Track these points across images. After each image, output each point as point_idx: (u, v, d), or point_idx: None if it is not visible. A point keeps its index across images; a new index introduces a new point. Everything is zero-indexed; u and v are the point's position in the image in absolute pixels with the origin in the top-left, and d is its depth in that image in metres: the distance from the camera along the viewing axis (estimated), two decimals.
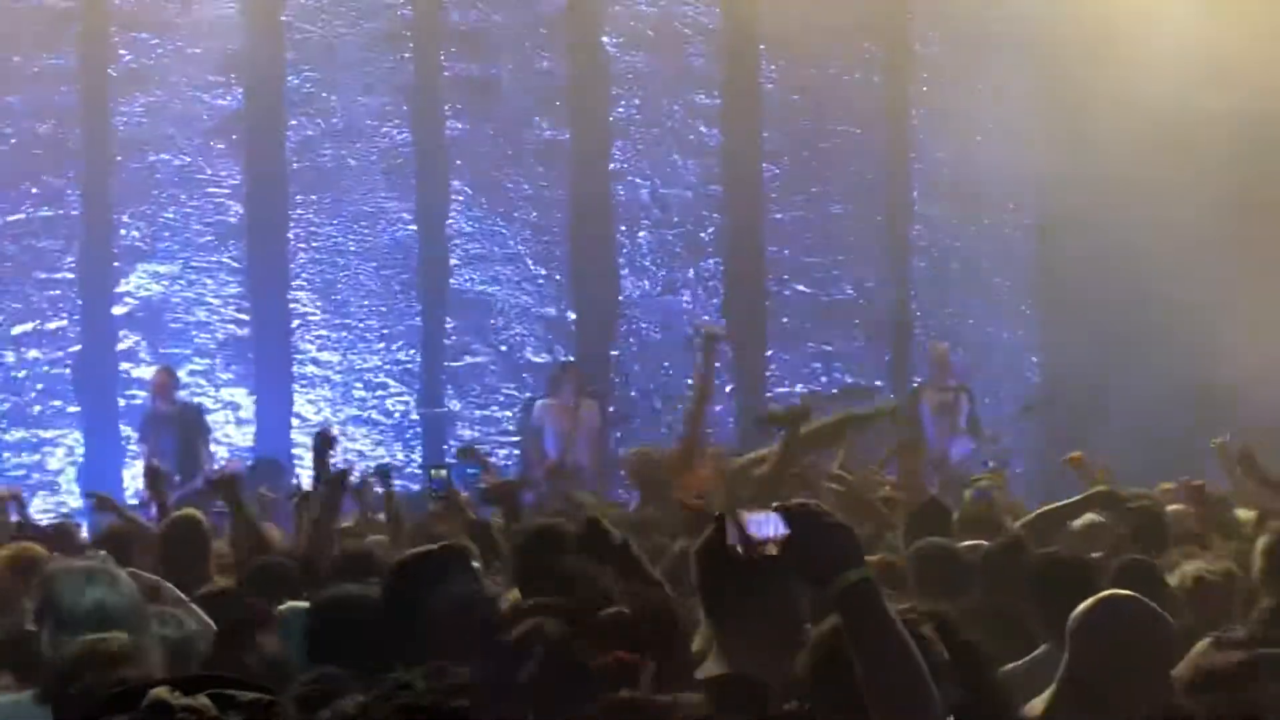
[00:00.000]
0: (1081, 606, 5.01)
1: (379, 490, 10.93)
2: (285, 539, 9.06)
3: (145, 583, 5.71)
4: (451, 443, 16.94)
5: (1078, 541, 8.15)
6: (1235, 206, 16.22)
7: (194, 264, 17.04)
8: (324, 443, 8.96)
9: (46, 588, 4.99)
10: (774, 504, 3.53)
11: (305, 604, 5.65)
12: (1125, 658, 4.82)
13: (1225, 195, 16.09)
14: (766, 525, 3.47)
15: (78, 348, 16.85)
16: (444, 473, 9.50)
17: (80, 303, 16.90)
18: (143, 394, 16.22)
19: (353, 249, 17.30)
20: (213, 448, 15.92)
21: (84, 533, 11.66)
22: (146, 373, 16.34)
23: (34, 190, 16.81)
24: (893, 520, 8.95)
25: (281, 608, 5.80)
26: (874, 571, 3.54)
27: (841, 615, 3.50)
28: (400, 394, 17.25)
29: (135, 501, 13.45)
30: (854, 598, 3.46)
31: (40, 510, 14.86)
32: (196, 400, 16.43)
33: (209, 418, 16.36)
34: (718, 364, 14.36)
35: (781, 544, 3.46)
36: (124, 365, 16.84)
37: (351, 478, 9.54)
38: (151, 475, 11.99)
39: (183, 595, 6.00)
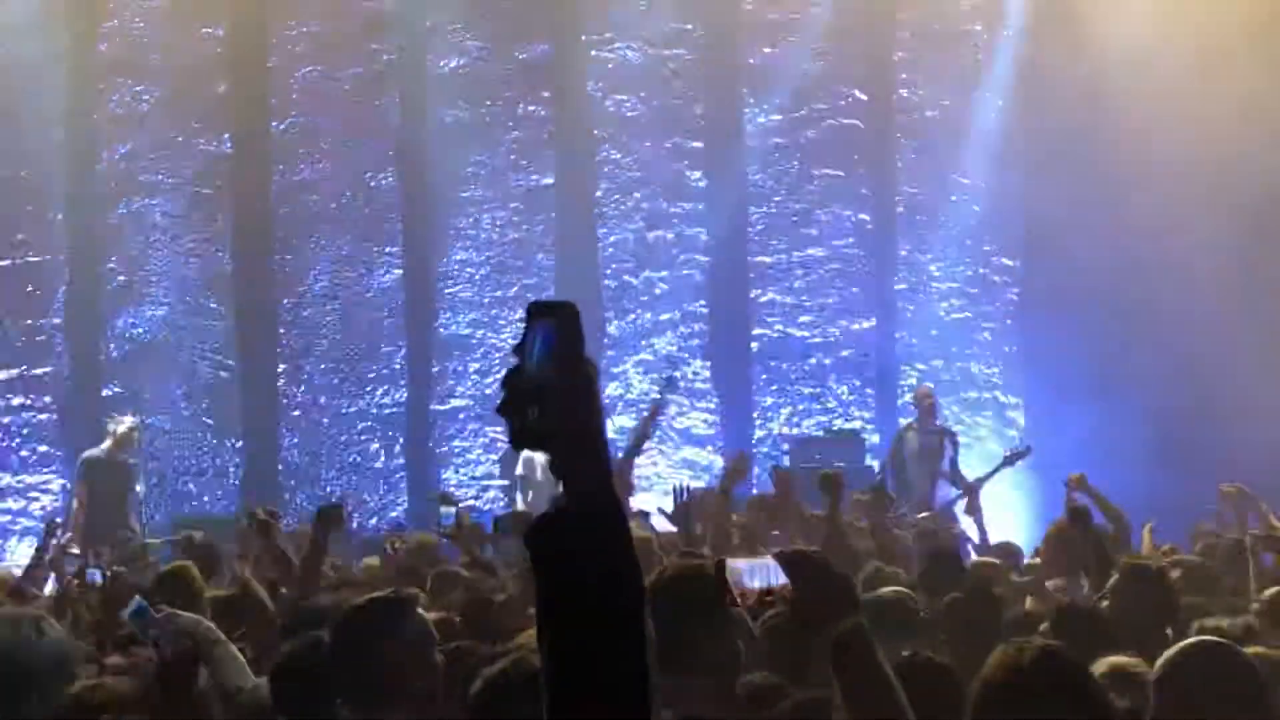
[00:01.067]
0: (1170, 653, 4.89)
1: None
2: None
3: (184, 624, 5.74)
4: (435, 487, 16.95)
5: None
6: (1228, 251, 16.32)
7: (181, 308, 17.06)
8: (331, 520, 8.84)
9: None
10: (775, 551, 3.58)
11: None
12: (1218, 707, 4.61)
13: (1213, 238, 16.19)
14: (764, 574, 3.55)
15: (64, 393, 16.85)
16: (453, 508, 9.49)
17: (67, 348, 16.91)
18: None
19: (339, 293, 17.35)
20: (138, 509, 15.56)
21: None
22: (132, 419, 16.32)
23: (20, 236, 16.84)
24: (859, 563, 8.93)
25: None
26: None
27: (834, 659, 3.56)
28: (386, 437, 17.27)
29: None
30: (848, 643, 3.53)
31: (27, 556, 14.82)
32: (183, 443, 16.42)
33: (198, 460, 16.35)
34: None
35: (780, 591, 3.52)
36: (110, 410, 16.84)
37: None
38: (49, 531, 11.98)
39: (221, 637, 5.99)
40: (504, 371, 2.17)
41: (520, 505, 15.21)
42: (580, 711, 2.19)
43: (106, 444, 14.98)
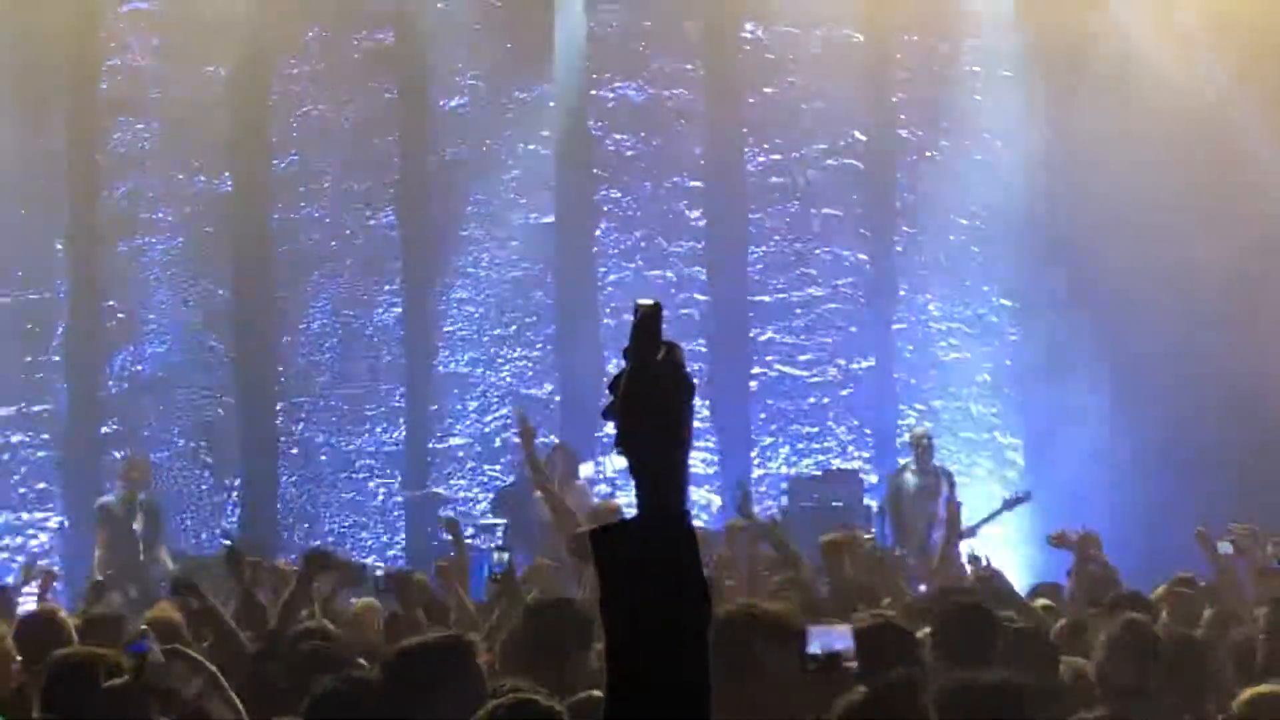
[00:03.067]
0: (1242, 698, 4.93)
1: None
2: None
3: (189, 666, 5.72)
4: (433, 526, 16.93)
5: None
6: (1232, 293, 16.38)
7: (180, 347, 17.06)
8: (314, 564, 8.83)
9: None
10: (851, 620, 3.69)
11: None
12: None
13: (1214, 282, 16.24)
14: (841, 639, 3.62)
15: (63, 431, 16.83)
16: (505, 555, 9.43)
17: (66, 386, 16.91)
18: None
19: (338, 331, 17.35)
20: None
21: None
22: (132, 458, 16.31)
23: (20, 273, 16.85)
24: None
25: None
26: None
27: (879, 705, 3.69)
28: (385, 476, 17.26)
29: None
30: (897, 693, 3.67)
31: (27, 594, 14.77)
32: (181, 482, 16.42)
33: (196, 500, 16.36)
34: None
35: (852, 657, 3.63)
36: (109, 449, 16.83)
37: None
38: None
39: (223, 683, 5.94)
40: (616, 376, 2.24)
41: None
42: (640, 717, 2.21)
43: (118, 487, 15.18)
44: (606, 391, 2.30)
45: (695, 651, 2.24)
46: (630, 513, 2.30)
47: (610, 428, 2.27)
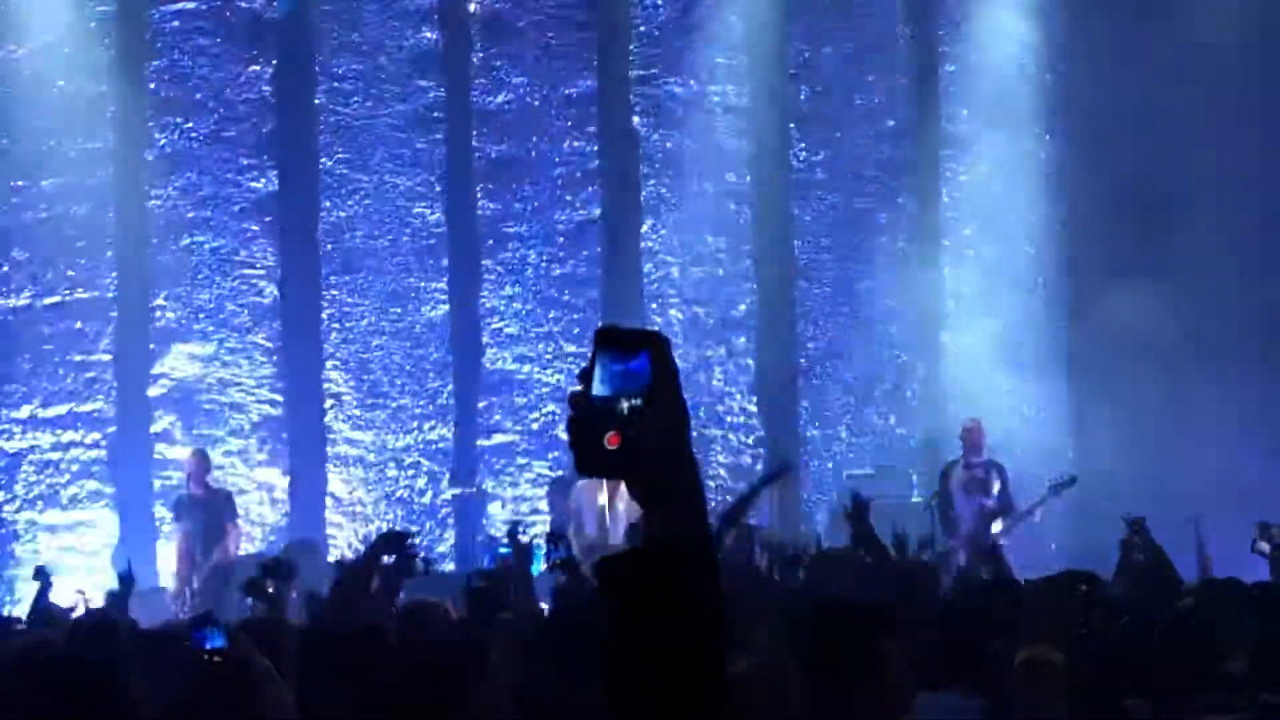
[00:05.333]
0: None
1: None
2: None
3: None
4: (483, 521, 16.97)
5: None
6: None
7: (229, 345, 17.13)
8: (386, 546, 8.85)
9: None
10: None
11: None
12: None
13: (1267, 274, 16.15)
14: None
15: (113, 429, 16.92)
16: (562, 541, 9.48)
17: (116, 384, 16.99)
18: (178, 474, 16.26)
19: (386, 329, 17.39)
20: (243, 529, 15.91)
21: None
22: (181, 453, 16.40)
23: (70, 273, 16.93)
24: None
25: None
26: None
27: None
28: (433, 473, 17.29)
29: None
30: None
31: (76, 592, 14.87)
32: (231, 481, 16.50)
33: (244, 498, 16.43)
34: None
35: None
36: (159, 447, 16.92)
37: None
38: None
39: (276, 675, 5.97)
40: (572, 393, 2.11)
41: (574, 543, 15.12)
42: None
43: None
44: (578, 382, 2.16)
45: (709, 690, 2.11)
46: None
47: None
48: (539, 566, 10.23)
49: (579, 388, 2.11)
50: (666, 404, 2.15)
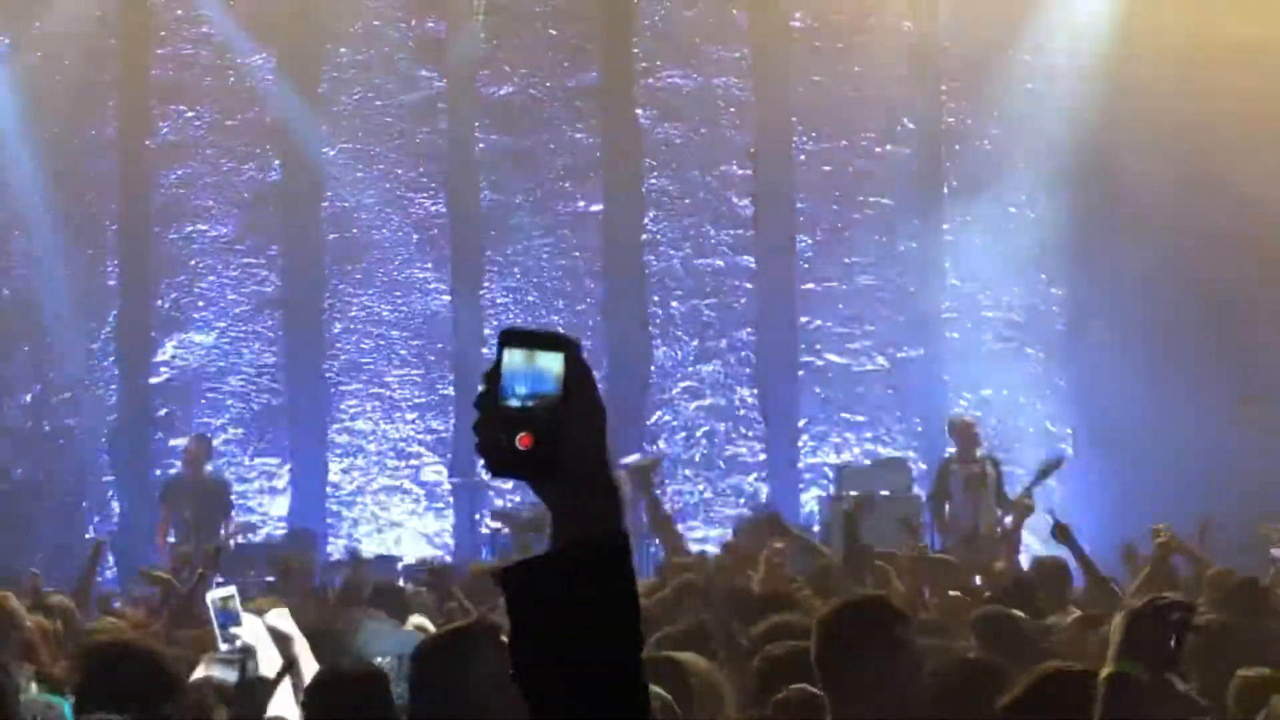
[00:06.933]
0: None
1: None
2: None
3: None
4: (483, 513, 16.98)
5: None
6: None
7: (230, 334, 17.15)
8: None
9: None
10: None
11: None
12: None
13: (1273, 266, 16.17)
14: None
15: (114, 417, 16.94)
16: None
17: (117, 372, 17.01)
18: (179, 463, 16.27)
19: (387, 319, 17.41)
20: (235, 519, 15.84)
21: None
22: (182, 441, 16.42)
23: (73, 259, 16.95)
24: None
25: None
26: None
27: None
28: (434, 463, 17.31)
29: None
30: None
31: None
32: (232, 469, 16.52)
33: (244, 486, 16.46)
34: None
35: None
36: (159, 434, 16.94)
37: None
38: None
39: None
40: (480, 392, 2.08)
41: None
42: None
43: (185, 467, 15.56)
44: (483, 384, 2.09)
45: (626, 701, 2.07)
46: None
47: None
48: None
49: (483, 389, 2.09)
50: (582, 404, 2.12)
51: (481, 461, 2.11)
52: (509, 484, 17.23)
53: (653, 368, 17.63)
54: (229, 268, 17.24)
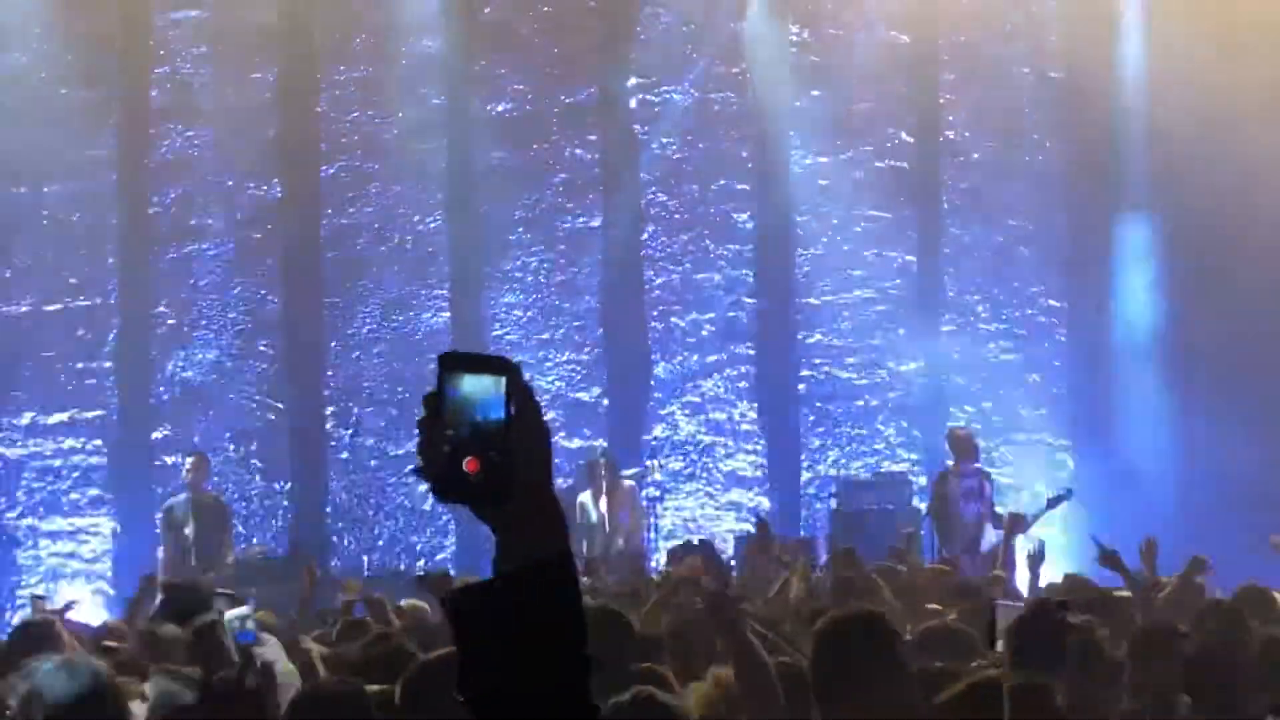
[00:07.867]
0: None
1: None
2: None
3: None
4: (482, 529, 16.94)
5: None
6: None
7: (230, 352, 17.15)
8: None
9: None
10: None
11: None
12: None
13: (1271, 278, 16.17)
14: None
15: (114, 436, 16.93)
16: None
17: (117, 391, 17.00)
18: (178, 481, 16.24)
19: (387, 336, 17.41)
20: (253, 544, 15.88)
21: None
22: (181, 459, 16.38)
23: (72, 280, 16.95)
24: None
25: None
26: None
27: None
28: None
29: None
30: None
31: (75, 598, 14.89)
32: (232, 488, 16.51)
33: (244, 505, 16.45)
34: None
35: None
36: (159, 454, 16.92)
37: None
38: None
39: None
40: (422, 418, 2.06)
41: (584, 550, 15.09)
42: None
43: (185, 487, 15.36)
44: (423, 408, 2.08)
45: (579, 713, 2.07)
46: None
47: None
48: None
49: (423, 414, 2.08)
50: (526, 427, 2.10)
51: (425, 486, 2.10)
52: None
53: (652, 383, 17.63)
54: (229, 285, 17.23)
